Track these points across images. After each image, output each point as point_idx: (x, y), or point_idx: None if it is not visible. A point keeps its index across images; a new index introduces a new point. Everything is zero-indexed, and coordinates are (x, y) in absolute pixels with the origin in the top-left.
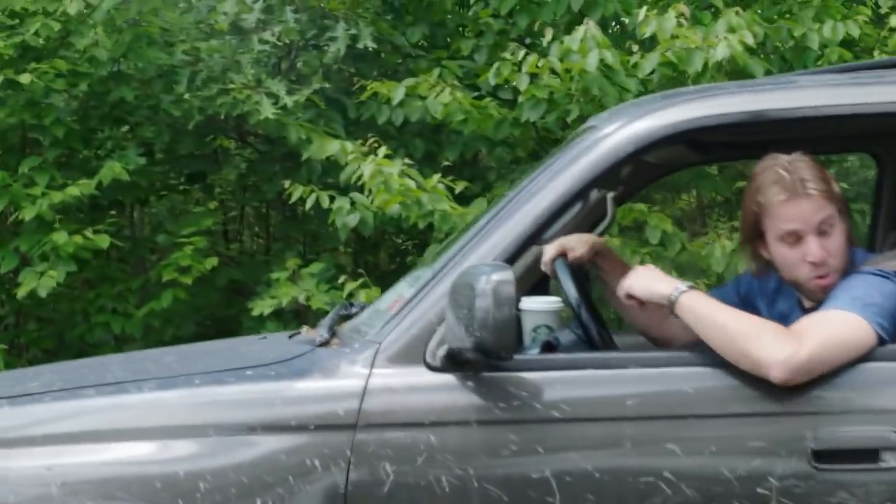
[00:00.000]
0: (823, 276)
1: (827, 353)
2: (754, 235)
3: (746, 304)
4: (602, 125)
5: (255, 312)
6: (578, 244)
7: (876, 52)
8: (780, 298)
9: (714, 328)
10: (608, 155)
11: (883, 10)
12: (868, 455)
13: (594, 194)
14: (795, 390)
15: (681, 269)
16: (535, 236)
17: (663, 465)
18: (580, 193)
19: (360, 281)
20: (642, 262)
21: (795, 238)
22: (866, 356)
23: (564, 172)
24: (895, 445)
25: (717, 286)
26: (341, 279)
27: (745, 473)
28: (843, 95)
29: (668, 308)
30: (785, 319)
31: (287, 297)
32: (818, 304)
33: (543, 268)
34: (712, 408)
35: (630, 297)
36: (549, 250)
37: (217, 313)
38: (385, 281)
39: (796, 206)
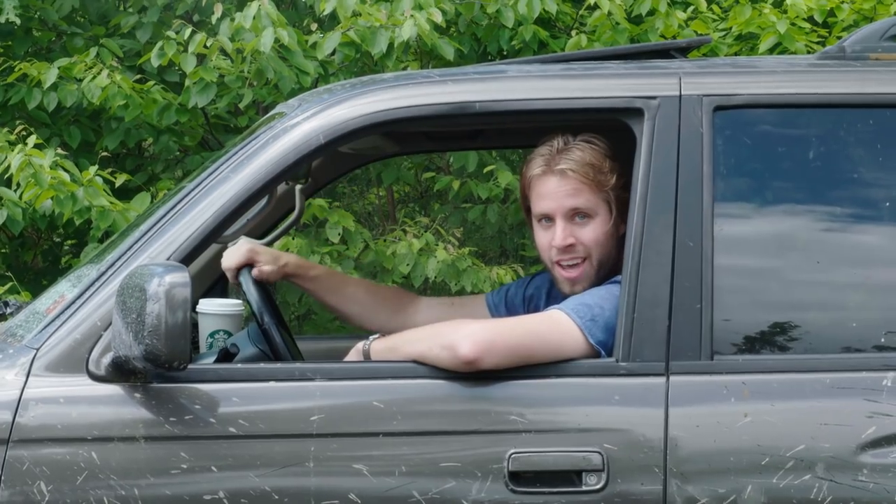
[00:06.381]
0: (571, 265)
1: (517, 337)
2: (528, 212)
3: (529, 304)
4: (292, 113)
5: None
6: (268, 260)
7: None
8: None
9: (409, 344)
10: (298, 146)
11: None
12: (569, 477)
13: (281, 187)
14: (493, 406)
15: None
16: (216, 233)
17: (349, 486)
18: (266, 186)
19: (9, 285)
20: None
21: (549, 220)
22: (576, 371)
23: (250, 163)
24: (598, 467)
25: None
26: None
27: (438, 496)
28: (553, 89)
29: (365, 355)
30: None
31: None
32: None
33: (226, 273)
34: (404, 424)
35: None
36: (233, 256)
37: None
38: (37, 284)
39: (549, 182)
